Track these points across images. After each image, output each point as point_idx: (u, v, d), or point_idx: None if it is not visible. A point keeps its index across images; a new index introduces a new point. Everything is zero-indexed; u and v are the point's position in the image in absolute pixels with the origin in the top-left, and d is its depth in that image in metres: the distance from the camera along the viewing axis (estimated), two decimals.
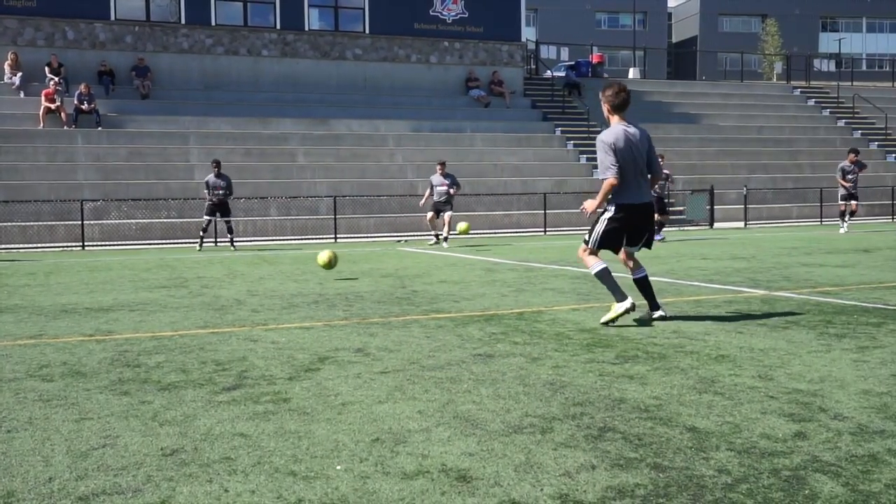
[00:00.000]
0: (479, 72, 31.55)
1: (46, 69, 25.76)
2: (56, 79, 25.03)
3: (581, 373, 5.00)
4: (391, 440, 3.70)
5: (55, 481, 3.24)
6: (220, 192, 18.53)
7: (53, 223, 20.84)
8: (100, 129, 24.54)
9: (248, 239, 21.87)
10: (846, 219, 21.22)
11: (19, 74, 25.52)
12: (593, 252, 6.81)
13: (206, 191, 18.78)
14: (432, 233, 19.27)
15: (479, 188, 24.85)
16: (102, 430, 3.94)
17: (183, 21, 28.07)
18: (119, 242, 20.80)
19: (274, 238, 22.15)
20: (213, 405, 4.37)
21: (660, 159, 20.66)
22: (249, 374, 5.11)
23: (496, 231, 23.93)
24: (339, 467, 3.35)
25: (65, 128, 24.26)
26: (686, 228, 24.89)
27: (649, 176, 6.90)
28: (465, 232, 17.76)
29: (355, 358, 5.59)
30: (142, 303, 8.84)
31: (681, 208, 26.64)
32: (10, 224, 20.41)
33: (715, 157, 30.76)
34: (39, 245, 20.07)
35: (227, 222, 18.78)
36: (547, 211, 23.80)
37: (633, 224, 6.72)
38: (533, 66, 37.71)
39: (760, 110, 35.65)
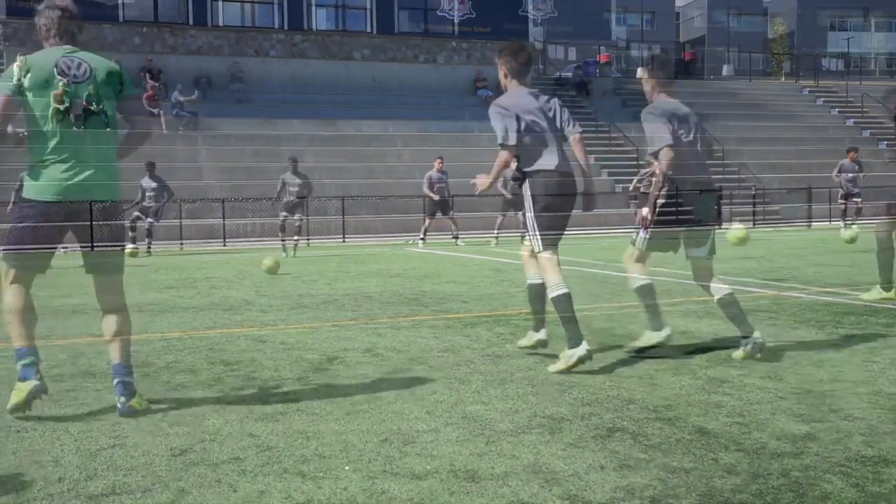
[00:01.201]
0: (488, 72, 31.51)
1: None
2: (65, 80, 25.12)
3: (589, 373, 4.99)
4: (400, 440, 3.70)
5: (65, 481, 3.25)
6: (153, 193, 17.89)
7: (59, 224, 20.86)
8: (109, 129, 24.59)
9: (255, 240, 21.90)
10: (846, 219, 21.23)
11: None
12: (550, 247, 5.38)
13: (140, 195, 17.75)
14: (421, 236, 19.44)
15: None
16: (112, 430, 3.95)
17: (191, 22, 28.15)
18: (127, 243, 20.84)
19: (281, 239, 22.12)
20: (222, 405, 4.37)
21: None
22: (258, 375, 5.12)
23: (504, 232, 23.88)
24: (347, 467, 3.35)
25: (73, 129, 24.33)
26: (694, 229, 24.81)
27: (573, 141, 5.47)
28: (273, 270, 11.71)
29: (364, 358, 5.59)
30: (150, 303, 8.86)
31: (689, 208, 26.57)
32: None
33: (723, 156, 30.66)
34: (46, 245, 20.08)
35: (150, 224, 17.96)
36: None
37: (557, 196, 5.32)
38: (541, 66, 37.68)
39: (769, 109, 35.55)
